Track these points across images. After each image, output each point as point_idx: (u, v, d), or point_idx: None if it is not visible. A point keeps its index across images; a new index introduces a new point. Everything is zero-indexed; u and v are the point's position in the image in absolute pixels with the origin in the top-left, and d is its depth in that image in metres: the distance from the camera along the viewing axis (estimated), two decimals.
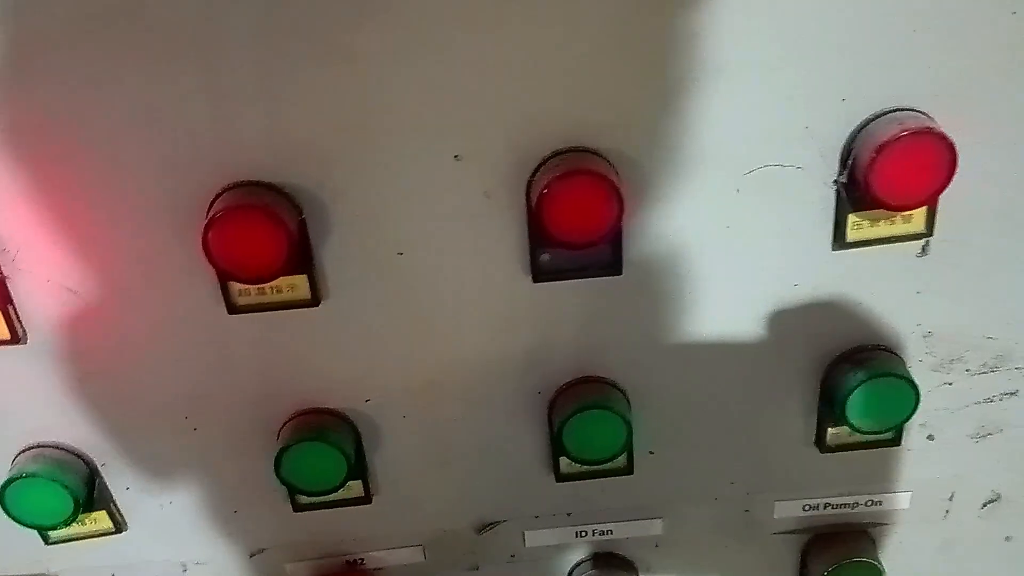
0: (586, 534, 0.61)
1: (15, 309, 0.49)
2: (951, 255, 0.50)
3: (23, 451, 0.54)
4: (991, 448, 0.58)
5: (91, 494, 0.55)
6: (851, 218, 0.48)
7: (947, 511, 0.61)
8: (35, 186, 0.46)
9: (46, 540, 0.58)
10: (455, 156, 0.46)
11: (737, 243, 0.50)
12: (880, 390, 0.52)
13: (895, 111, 0.46)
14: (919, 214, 0.48)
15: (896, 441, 0.57)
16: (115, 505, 0.57)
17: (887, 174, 0.45)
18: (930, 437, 0.57)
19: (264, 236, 0.44)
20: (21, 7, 0.41)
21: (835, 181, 0.48)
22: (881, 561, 0.60)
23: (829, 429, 0.56)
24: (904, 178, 0.45)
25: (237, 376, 0.53)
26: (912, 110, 0.46)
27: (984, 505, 0.61)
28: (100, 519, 0.58)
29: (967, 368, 0.55)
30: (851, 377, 0.52)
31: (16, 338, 0.49)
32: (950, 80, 0.46)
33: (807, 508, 0.60)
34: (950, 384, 0.55)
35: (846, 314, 0.52)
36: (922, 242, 0.49)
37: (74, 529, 0.57)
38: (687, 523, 0.61)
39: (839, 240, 0.49)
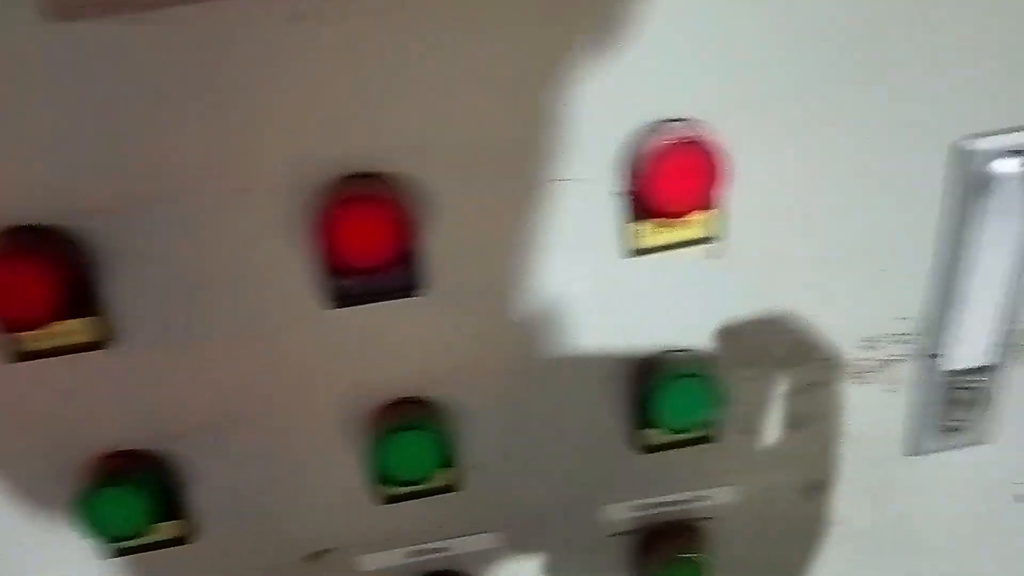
0: (422, 554, 0.61)
1: None
2: (739, 257, 0.52)
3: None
4: (807, 437, 0.60)
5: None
6: (636, 226, 0.50)
7: (771, 501, 0.63)
8: None
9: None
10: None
11: (537, 257, 0.51)
12: (686, 388, 0.54)
13: (670, 121, 0.48)
14: (702, 219, 0.50)
15: (714, 438, 0.58)
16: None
17: (660, 182, 0.46)
18: (744, 431, 0.59)
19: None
20: None
21: (619, 191, 0.49)
22: (711, 554, 0.62)
23: (646, 431, 0.57)
24: (677, 185, 0.46)
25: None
26: (683, 120, 0.47)
27: (807, 492, 0.63)
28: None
29: (773, 361, 0.57)
30: (657, 378, 0.54)
31: None
32: (727, 91, 0.47)
33: (637, 509, 0.61)
34: (756, 379, 0.57)
35: (647, 319, 0.54)
36: (707, 246, 0.51)
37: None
38: (523, 535, 0.61)
39: (629, 248, 0.50)
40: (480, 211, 0.49)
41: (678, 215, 0.48)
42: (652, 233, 0.50)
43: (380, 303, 0.50)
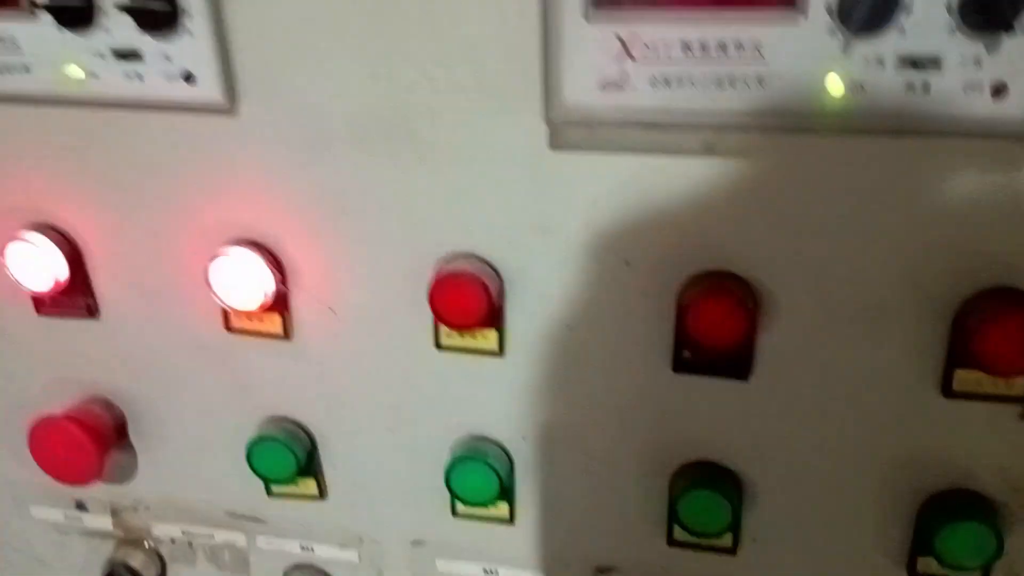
0: None
1: (289, 315, 0.66)
2: None
3: (267, 418, 0.71)
4: None
5: (309, 463, 0.71)
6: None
7: None
8: (318, 239, 0.63)
9: (268, 492, 0.75)
10: (626, 262, 0.58)
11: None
12: (972, 532, 0.58)
13: None
14: None
15: None
16: (322, 477, 0.73)
17: None
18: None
19: (469, 295, 0.59)
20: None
21: None
22: None
23: (921, 558, 0.62)
24: None
25: (428, 403, 0.67)
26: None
27: None
28: (309, 485, 0.73)
29: None
30: (947, 515, 0.59)
31: (287, 335, 0.67)
32: None
33: None
34: None
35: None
36: None
37: (289, 488, 0.74)
38: None
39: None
40: (817, 318, 0.57)
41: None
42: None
43: (713, 378, 0.60)
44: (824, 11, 0.47)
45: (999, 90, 0.47)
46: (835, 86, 0.49)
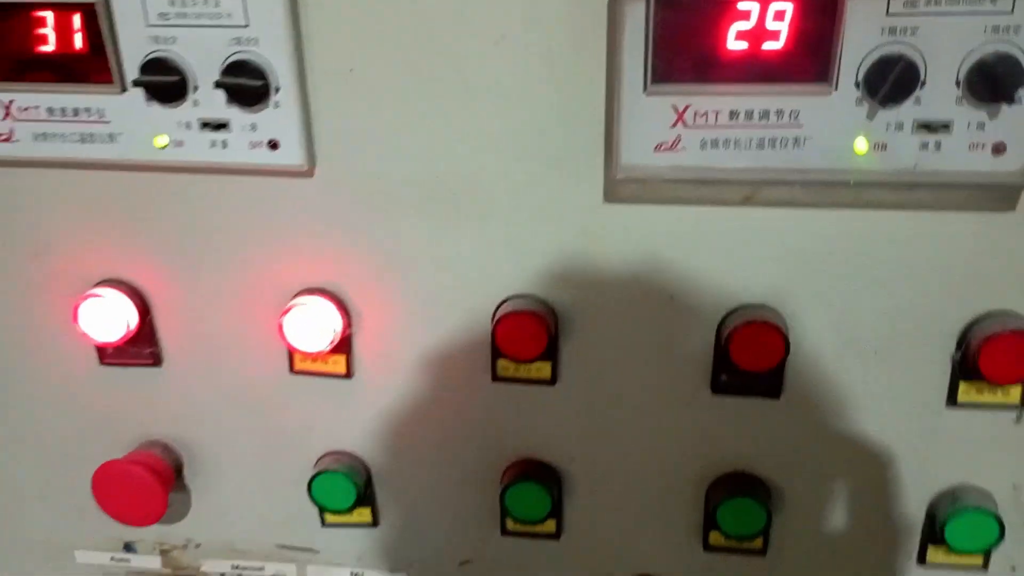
0: None
1: (352, 355, 0.72)
2: None
3: (325, 454, 0.77)
4: None
5: (366, 492, 0.77)
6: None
7: None
8: (383, 287, 0.69)
9: (323, 522, 0.80)
10: (671, 296, 0.66)
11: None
12: (978, 522, 0.67)
13: None
14: None
15: (985, 567, 0.71)
16: (376, 505, 0.78)
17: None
18: (1013, 568, 0.71)
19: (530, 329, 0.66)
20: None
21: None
22: None
23: (931, 546, 0.71)
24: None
25: (480, 432, 0.74)
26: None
27: None
28: (364, 513, 0.79)
29: None
30: (954, 508, 0.68)
31: (349, 374, 0.72)
32: None
33: None
34: None
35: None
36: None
37: (343, 517, 0.79)
38: None
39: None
40: (834, 346, 0.66)
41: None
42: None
43: (747, 398, 0.68)
44: (853, 86, 0.56)
45: (998, 149, 0.56)
46: (861, 146, 0.57)
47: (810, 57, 0.55)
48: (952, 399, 0.65)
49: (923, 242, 0.61)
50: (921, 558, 0.72)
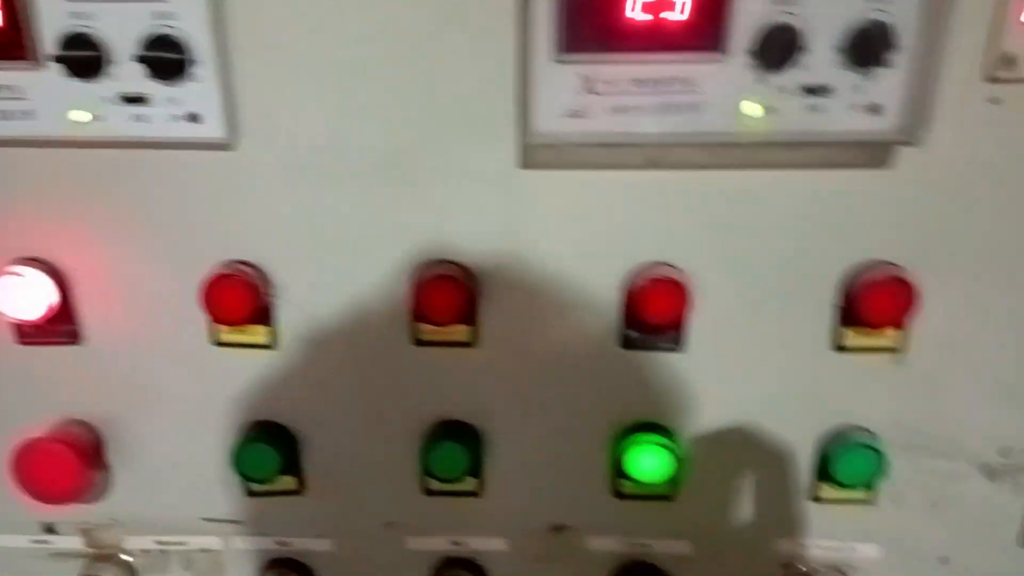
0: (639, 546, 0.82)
1: (275, 326, 0.74)
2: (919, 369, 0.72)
3: (249, 425, 0.78)
4: (943, 516, 0.78)
5: (291, 460, 0.78)
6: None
7: (909, 569, 0.81)
8: (305, 257, 0.71)
9: (248, 492, 0.81)
10: (583, 257, 0.70)
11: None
12: (864, 456, 0.74)
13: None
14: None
15: (870, 501, 0.77)
16: (302, 472, 0.80)
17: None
18: (894, 500, 0.78)
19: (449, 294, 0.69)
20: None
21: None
22: None
23: (823, 484, 0.77)
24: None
25: (402, 395, 0.77)
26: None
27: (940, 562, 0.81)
28: (289, 482, 0.80)
29: (933, 452, 0.76)
30: (842, 444, 0.74)
31: (271, 345, 0.74)
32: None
33: (802, 548, 0.81)
34: (910, 461, 0.76)
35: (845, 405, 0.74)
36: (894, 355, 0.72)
37: (268, 487, 0.80)
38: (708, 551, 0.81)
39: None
40: (731, 299, 0.71)
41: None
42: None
43: (652, 352, 0.73)
44: (743, 53, 0.61)
45: (874, 110, 0.62)
46: (753, 110, 0.63)
47: (707, 27, 0.60)
48: (838, 344, 0.72)
49: (808, 198, 0.67)
50: (815, 496, 0.78)
